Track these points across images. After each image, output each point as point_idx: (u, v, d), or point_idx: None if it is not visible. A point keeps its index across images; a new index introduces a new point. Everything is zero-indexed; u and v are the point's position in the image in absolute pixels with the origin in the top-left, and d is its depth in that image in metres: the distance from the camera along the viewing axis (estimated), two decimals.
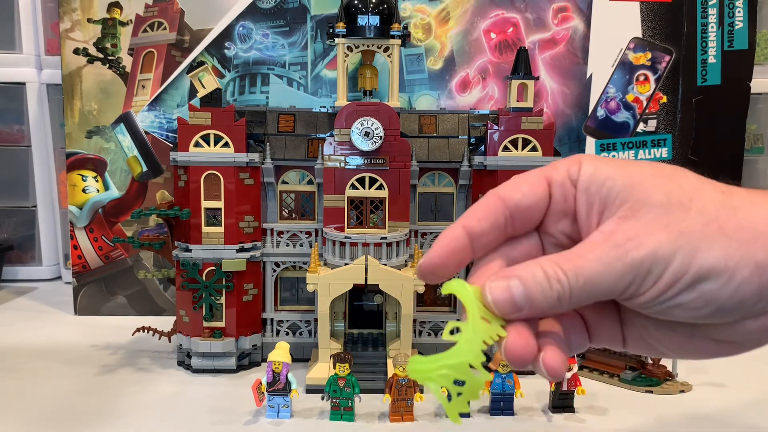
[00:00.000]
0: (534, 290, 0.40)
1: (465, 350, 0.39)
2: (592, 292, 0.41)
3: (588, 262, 0.40)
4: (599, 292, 0.41)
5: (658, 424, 1.23)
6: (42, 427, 1.18)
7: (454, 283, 0.42)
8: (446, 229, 0.45)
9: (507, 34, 1.75)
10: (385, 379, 1.30)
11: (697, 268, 0.39)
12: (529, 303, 0.41)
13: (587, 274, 0.40)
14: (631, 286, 0.40)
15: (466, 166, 1.48)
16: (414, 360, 0.40)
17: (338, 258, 1.39)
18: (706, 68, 1.77)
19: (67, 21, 1.72)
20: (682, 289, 0.40)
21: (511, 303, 0.41)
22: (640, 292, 0.41)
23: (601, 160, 0.44)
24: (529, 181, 0.45)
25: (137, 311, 1.81)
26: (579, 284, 0.40)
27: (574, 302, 0.41)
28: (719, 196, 0.42)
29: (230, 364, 1.44)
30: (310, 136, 1.49)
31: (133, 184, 1.78)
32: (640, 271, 0.40)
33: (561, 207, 0.44)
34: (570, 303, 0.41)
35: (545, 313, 0.42)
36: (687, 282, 0.40)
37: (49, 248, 2.08)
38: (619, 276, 0.40)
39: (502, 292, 0.41)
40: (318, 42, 1.73)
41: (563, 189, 0.44)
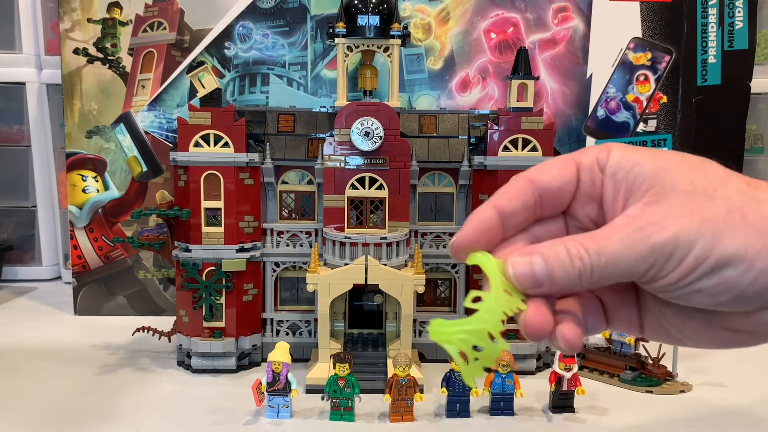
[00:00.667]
0: (555, 267, 0.41)
1: (485, 318, 0.41)
2: (613, 272, 0.41)
3: (611, 242, 0.41)
4: (620, 272, 0.41)
5: (658, 424, 1.23)
6: (42, 427, 1.18)
7: (479, 255, 0.44)
8: (477, 208, 0.46)
9: (507, 34, 1.75)
10: (385, 379, 1.30)
11: (719, 254, 0.40)
12: (549, 279, 0.41)
13: (609, 253, 0.41)
14: (653, 268, 0.41)
15: (466, 166, 1.48)
16: (436, 322, 0.41)
17: (338, 258, 1.39)
18: (706, 68, 1.77)
19: (67, 21, 1.72)
20: (702, 274, 0.40)
21: (532, 278, 0.42)
22: (661, 275, 0.41)
23: (630, 148, 0.45)
24: (558, 165, 0.46)
25: (137, 311, 1.81)
26: (601, 263, 0.41)
27: (595, 281, 0.42)
28: (744, 187, 0.42)
29: (230, 364, 1.44)
30: (310, 136, 1.49)
31: (133, 184, 1.78)
32: (662, 254, 0.40)
33: (588, 191, 0.45)
34: (591, 281, 0.42)
35: (565, 290, 0.42)
36: (708, 267, 0.40)
37: (49, 248, 2.08)
38: (641, 257, 0.41)
39: (524, 267, 0.42)
40: (318, 42, 1.73)
41: (591, 174, 0.45)
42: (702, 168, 0.43)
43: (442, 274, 1.55)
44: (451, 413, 1.24)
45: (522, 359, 1.42)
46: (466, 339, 0.40)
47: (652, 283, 0.42)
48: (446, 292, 1.57)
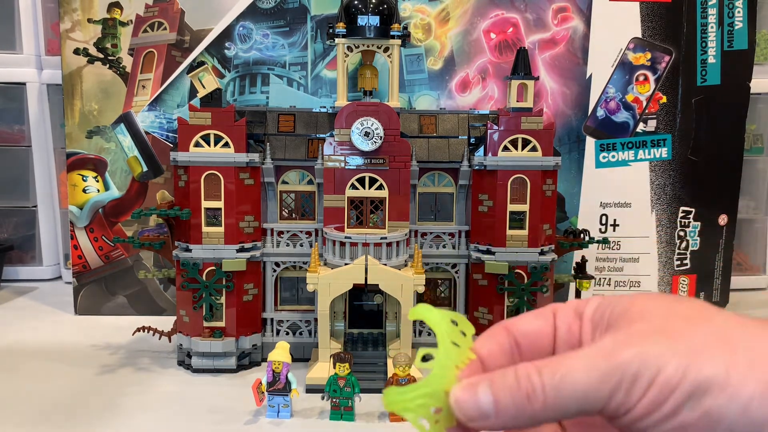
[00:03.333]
0: (501, 391, 0.37)
1: (439, 377, 0.38)
2: (570, 395, 0.36)
3: (569, 361, 0.36)
4: (579, 396, 0.36)
5: None
6: (42, 427, 1.18)
7: (420, 308, 0.40)
8: None
9: (507, 34, 1.75)
10: (385, 379, 1.30)
11: (694, 376, 0.34)
12: (496, 408, 0.37)
13: (565, 371, 0.36)
14: (618, 392, 0.35)
15: (466, 166, 1.48)
16: (390, 392, 0.38)
17: (338, 258, 1.39)
18: (705, 68, 1.77)
19: (67, 21, 1.72)
20: (680, 403, 0.34)
21: (477, 408, 0.37)
22: (630, 403, 0.35)
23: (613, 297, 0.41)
24: (535, 312, 0.43)
25: (137, 311, 1.81)
26: (554, 382, 0.36)
27: (550, 407, 0.36)
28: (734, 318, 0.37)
29: (230, 363, 1.44)
30: (310, 136, 1.49)
31: (134, 184, 1.78)
32: (626, 374, 0.35)
33: (565, 338, 0.42)
34: (545, 407, 0.36)
35: (517, 421, 0.37)
36: (684, 395, 0.34)
37: (50, 248, 2.08)
38: (602, 376, 0.35)
39: (468, 395, 0.37)
40: (318, 42, 1.73)
41: (567, 319, 0.42)
42: (687, 300, 0.39)
43: (442, 274, 1.55)
44: None
45: None
46: (423, 404, 0.38)
47: (623, 416, 0.36)
48: (446, 292, 1.57)
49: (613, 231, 1.82)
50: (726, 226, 1.85)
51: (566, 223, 1.80)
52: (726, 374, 0.34)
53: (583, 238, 1.54)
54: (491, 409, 0.37)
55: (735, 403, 0.34)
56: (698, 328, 0.36)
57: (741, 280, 1.97)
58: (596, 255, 1.79)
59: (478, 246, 1.47)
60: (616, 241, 1.82)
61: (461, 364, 0.39)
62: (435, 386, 0.38)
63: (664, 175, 1.80)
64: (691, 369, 0.34)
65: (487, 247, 1.45)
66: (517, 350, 0.42)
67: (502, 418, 0.37)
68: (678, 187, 1.81)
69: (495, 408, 0.37)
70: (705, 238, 1.84)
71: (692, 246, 1.85)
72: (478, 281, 1.47)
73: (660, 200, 1.82)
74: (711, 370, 0.34)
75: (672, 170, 1.80)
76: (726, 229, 1.85)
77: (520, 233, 1.44)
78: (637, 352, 0.35)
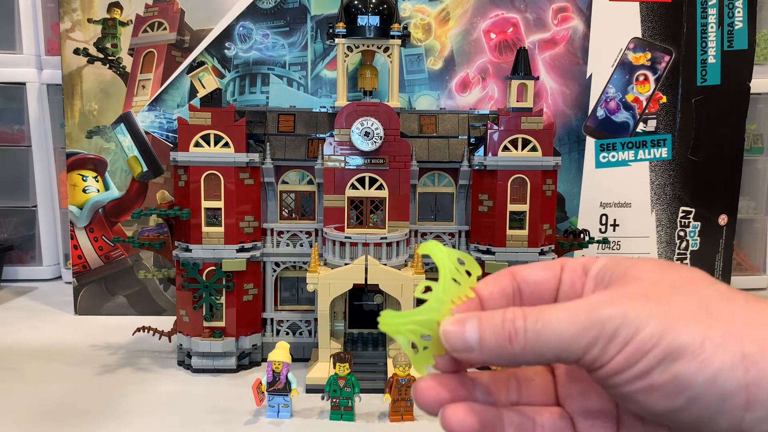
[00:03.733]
0: (487, 329, 0.39)
1: (434, 308, 0.41)
2: (548, 342, 0.37)
3: (554, 310, 0.38)
4: (558, 343, 0.37)
5: None
6: (42, 427, 1.18)
7: (429, 243, 0.43)
8: None
9: (507, 34, 1.75)
10: (385, 379, 1.30)
11: (669, 342, 0.35)
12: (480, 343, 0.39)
13: (547, 319, 0.38)
14: (595, 346, 0.37)
15: (466, 166, 1.48)
16: (385, 314, 0.40)
17: (338, 258, 1.39)
18: (705, 68, 1.77)
19: (67, 21, 1.72)
20: (652, 365, 0.36)
21: (462, 340, 0.39)
22: (605, 358, 0.37)
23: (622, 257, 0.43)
24: (544, 263, 0.45)
25: (137, 311, 1.81)
26: (536, 328, 0.38)
27: (528, 350, 0.38)
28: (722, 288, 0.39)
29: (230, 363, 1.44)
30: (310, 136, 1.49)
31: (134, 184, 1.78)
32: (605, 330, 0.36)
33: (569, 292, 0.43)
34: (523, 350, 0.38)
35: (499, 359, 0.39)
36: (657, 357, 0.35)
37: (49, 248, 2.08)
38: (582, 329, 0.37)
39: (456, 327, 0.40)
40: (318, 42, 1.73)
41: (573, 275, 0.43)
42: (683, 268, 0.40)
43: None
44: None
45: None
46: (415, 329, 0.40)
47: (598, 369, 0.37)
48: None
49: (613, 231, 1.82)
50: (726, 226, 1.85)
51: (566, 223, 1.80)
52: (700, 343, 0.35)
53: (583, 238, 1.54)
54: (476, 344, 0.39)
55: (704, 371, 0.35)
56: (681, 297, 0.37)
57: (741, 280, 1.97)
58: (596, 255, 1.79)
59: (478, 246, 1.47)
60: (616, 241, 1.82)
61: (458, 300, 0.41)
62: (428, 316, 0.40)
63: (664, 175, 1.81)
64: (668, 334, 0.35)
65: (487, 247, 1.45)
66: (519, 297, 0.44)
67: (485, 354, 0.39)
68: (678, 187, 1.81)
69: (479, 344, 0.39)
70: (705, 238, 1.84)
71: (692, 246, 1.85)
72: None
73: (660, 200, 1.82)
74: (686, 338, 0.35)
75: (672, 170, 1.80)
76: (726, 229, 1.85)
77: (520, 233, 1.44)
78: (618, 311, 0.36)
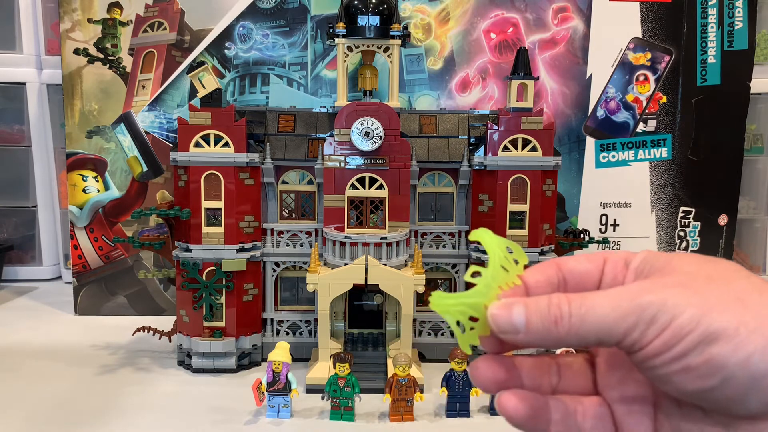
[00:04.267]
0: (533, 313, 0.41)
1: (482, 292, 0.43)
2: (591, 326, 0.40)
3: (597, 297, 0.41)
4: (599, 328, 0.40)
5: None
6: (42, 427, 1.18)
7: (480, 231, 0.46)
8: None
9: (507, 34, 1.75)
10: (385, 379, 1.30)
11: (706, 326, 0.38)
12: (527, 326, 0.41)
13: (591, 304, 0.40)
14: (635, 330, 0.39)
15: (466, 166, 1.48)
16: (436, 294, 0.43)
17: (338, 258, 1.39)
18: (705, 68, 1.77)
19: (67, 21, 1.72)
20: (689, 348, 0.38)
21: (509, 323, 0.42)
22: (644, 341, 0.39)
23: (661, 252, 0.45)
24: (588, 255, 0.47)
25: (137, 311, 1.81)
26: (580, 312, 0.40)
27: (572, 333, 0.41)
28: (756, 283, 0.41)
29: (230, 363, 1.44)
30: (310, 136, 1.49)
31: (134, 184, 1.78)
32: (645, 315, 0.39)
33: (610, 283, 0.45)
34: (567, 332, 0.41)
35: (544, 341, 0.41)
36: (694, 341, 0.38)
37: (49, 248, 2.08)
38: (623, 314, 0.39)
39: (503, 311, 0.42)
40: (318, 42, 1.73)
41: (615, 267, 0.46)
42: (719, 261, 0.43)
43: (442, 274, 1.55)
44: (451, 413, 1.24)
45: None
46: (463, 311, 0.43)
47: (637, 352, 0.40)
48: (446, 292, 1.57)
49: (613, 231, 1.82)
50: (726, 226, 1.85)
51: (566, 223, 1.80)
52: (735, 328, 0.38)
53: (583, 238, 1.54)
54: (522, 327, 0.41)
55: (738, 354, 0.37)
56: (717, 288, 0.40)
57: None
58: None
59: (478, 246, 1.47)
60: (616, 241, 1.82)
61: (505, 286, 0.44)
62: (477, 299, 0.43)
63: (664, 175, 1.81)
64: (704, 320, 0.38)
65: None
66: (563, 286, 0.46)
67: (530, 336, 0.42)
68: (678, 187, 1.81)
69: (525, 327, 0.41)
70: (705, 238, 1.84)
71: (692, 246, 1.85)
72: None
73: (660, 200, 1.82)
74: (722, 323, 0.38)
75: (672, 170, 1.80)
76: (726, 229, 1.85)
77: (520, 233, 1.44)
78: (657, 298, 0.39)
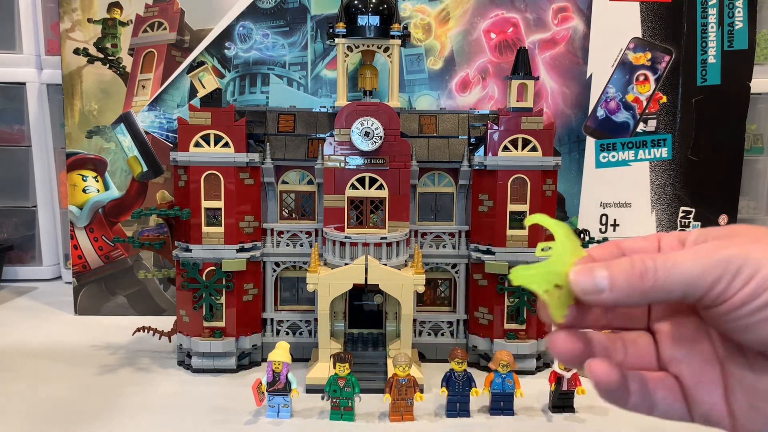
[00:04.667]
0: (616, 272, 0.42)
1: (557, 262, 0.44)
2: (677, 279, 0.41)
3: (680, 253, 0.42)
4: (686, 280, 0.41)
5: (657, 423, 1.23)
6: (42, 427, 1.18)
7: (537, 215, 0.47)
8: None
9: (507, 34, 1.75)
10: (385, 379, 1.30)
11: None
12: (610, 284, 0.42)
13: (675, 259, 0.42)
14: (719, 283, 0.40)
15: (466, 166, 1.48)
16: (517, 268, 0.44)
17: (338, 258, 1.39)
18: (706, 68, 1.77)
19: (67, 21, 1.72)
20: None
21: (593, 284, 0.43)
22: (729, 294, 0.40)
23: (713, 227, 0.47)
24: (642, 237, 0.49)
25: (137, 311, 1.81)
26: (667, 266, 0.41)
27: (658, 286, 0.42)
28: None
29: (230, 363, 1.44)
30: (310, 136, 1.49)
31: (134, 184, 1.78)
32: (729, 267, 0.40)
33: None
34: (653, 285, 0.42)
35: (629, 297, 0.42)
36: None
37: (49, 248, 2.08)
38: (707, 267, 0.41)
39: (585, 273, 0.43)
40: (318, 42, 1.73)
41: (671, 244, 0.47)
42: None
43: (442, 274, 1.55)
44: (451, 413, 1.24)
45: (522, 359, 1.42)
46: (548, 279, 0.44)
47: (720, 304, 0.41)
48: (446, 291, 1.57)
49: (613, 231, 1.82)
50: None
51: (566, 223, 1.79)
52: None
53: (583, 239, 1.54)
54: (606, 285, 0.42)
55: None
56: None
57: None
58: None
59: (478, 246, 1.47)
60: None
61: (575, 257, 0.45)
62: (554, 267, 0.44)
63: (664, 175, 1.80)
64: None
65: (487, 247, 1.45)
66: None
67: (615, 294, 0.42)
68: (678, 187, 1.81)
69: (610, 284, 0.42)
70: None
71: None
72: (478, 281, 1.47)
73: (660, 200, 1.82)
74: None
75: (672, 170, 1.80)
76: None
77: (520, 233, 1.43)
78: (740, 252, 0.41)
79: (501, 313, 1.45)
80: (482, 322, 1.47)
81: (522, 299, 1.43)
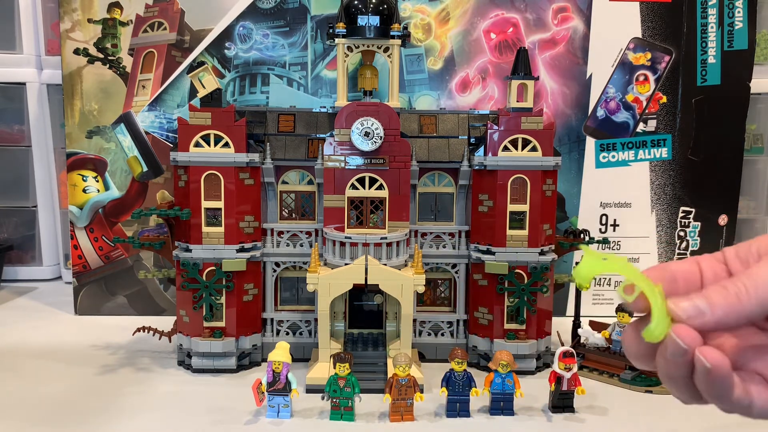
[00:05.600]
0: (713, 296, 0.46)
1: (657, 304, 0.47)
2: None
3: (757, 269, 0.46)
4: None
5: (657, 423, 1.24)
6: (42, 427, 1.18)
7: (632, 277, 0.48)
8: None
9: (507, 34, 1.75)
10: (385, 379, 1.30)
11: None
12: (710, 307, 0.46)
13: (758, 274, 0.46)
14: None
15: (466, 166, 1.48)
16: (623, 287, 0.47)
17: (338, 258, 1.39)
18: (706, 68, 1.77)
19: (67, 21, 1.72)
20: None
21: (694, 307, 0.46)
22: None
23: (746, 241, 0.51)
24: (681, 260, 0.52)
25: (137, 311, 1.81)
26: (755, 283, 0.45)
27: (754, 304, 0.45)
28: None
29: (230, 363, 1.44)
30: (310, 136, 1.49)
31: (134, 184, 1.78)
32: None
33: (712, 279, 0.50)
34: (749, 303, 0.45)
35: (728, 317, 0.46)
36: None
37: (50, 248, 2.08)
38: None
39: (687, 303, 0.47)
40: (318, 42, 1.73)
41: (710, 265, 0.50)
42: None
43: (442, 274, 1.55)
44: (451, 413, 1.24)
45: (522, 359, 1.42)
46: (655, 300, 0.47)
47: None
48: (446, 292, 1.57)
49: (613, 231, 1.82)
50: (726, 226, 1.85)
51: (566, 223, 1.80)
52: None
53: (583, 239, 1.54)
54: (707, 308, 0.46)
55: None
56: None
57: None
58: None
59: (478, 246, 1.47)
60: (616, 241, 1.82)
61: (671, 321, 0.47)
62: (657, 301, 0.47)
63: (664, 175, 1.81)
64: None
65: (487, 247, 1.45)
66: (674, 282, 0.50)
67: (716, 315, 0.46)
68: (678, 187, 1.81)
69: (710, 307, 0.46)
70: (705, 238, 1.84)
71: (692, 246, 1.85)
72: (478, 281, 1.47)
73: (660, 200, 1.82)
74: None
75: (672, 170, 1.80)
76: (726, 229, 1.85)
77: (520, 233, 1.43)
78: None
79: (501, 313, 1.45)
80: (482, 322, 1.47)
81: (522, 299, 1.43)
